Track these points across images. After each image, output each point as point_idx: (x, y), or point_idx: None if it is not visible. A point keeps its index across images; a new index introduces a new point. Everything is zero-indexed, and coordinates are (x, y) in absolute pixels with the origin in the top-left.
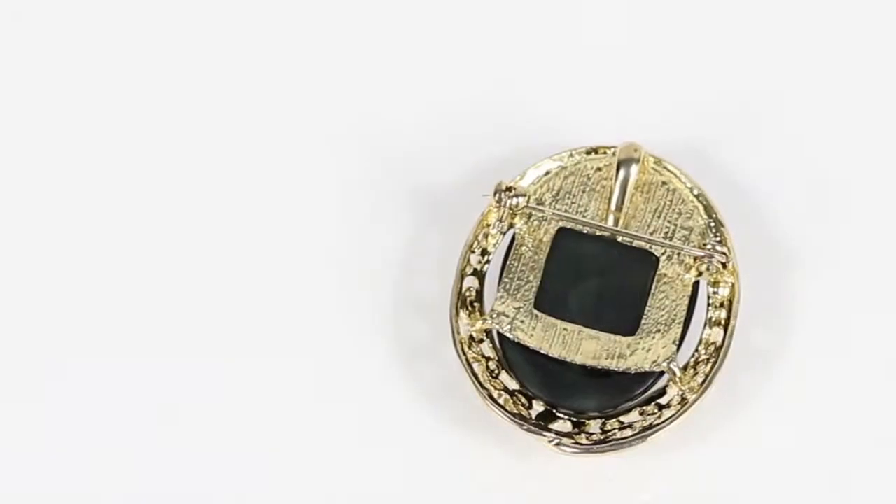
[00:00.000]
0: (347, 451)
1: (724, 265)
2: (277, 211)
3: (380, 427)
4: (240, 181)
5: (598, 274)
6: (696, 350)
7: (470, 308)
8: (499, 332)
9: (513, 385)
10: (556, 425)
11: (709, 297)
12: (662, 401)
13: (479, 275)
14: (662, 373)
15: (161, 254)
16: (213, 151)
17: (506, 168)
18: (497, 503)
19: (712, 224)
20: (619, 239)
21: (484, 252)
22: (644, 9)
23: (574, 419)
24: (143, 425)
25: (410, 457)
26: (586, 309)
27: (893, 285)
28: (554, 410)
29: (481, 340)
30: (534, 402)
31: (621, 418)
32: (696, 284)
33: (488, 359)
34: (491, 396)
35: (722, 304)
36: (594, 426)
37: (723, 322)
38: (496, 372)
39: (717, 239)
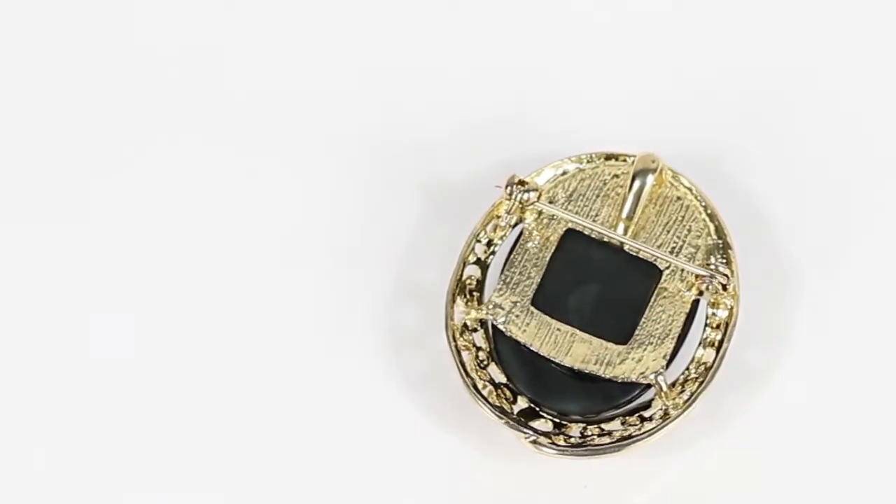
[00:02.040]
0: (333, 443)
1: (725, 287)
2: (286, 201)
3: (367, 415)
4: (252, 172)
5: (599, 279)
6: (687, 368)
7: (469, 297)
8: (493, 324)
9: (500, 378)
10: (536, 423)
11: (707, 318)
12: (646, 413)
13: (483, 265)
14: (649, 385)
15: (165, 248)
16: (223, 141)
17: (522, 168)
18: (492, 500)
19: (720, 245)
20: (626, 248)
21: (490, 243)
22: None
23: (556, 420)
24: (140, 423)
25: (396, 445)
26: (583, 312)
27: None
28: (538, 409)
29: (475, 330)
30: (519, 398)
31: (602, 425)
32: (696, 303)
33: (479, 349)
34: (475, 386)
35: (718, 326)
36: (575, 429)
37: (716, 344)
38: (485, 363)
39: (723, 260)
